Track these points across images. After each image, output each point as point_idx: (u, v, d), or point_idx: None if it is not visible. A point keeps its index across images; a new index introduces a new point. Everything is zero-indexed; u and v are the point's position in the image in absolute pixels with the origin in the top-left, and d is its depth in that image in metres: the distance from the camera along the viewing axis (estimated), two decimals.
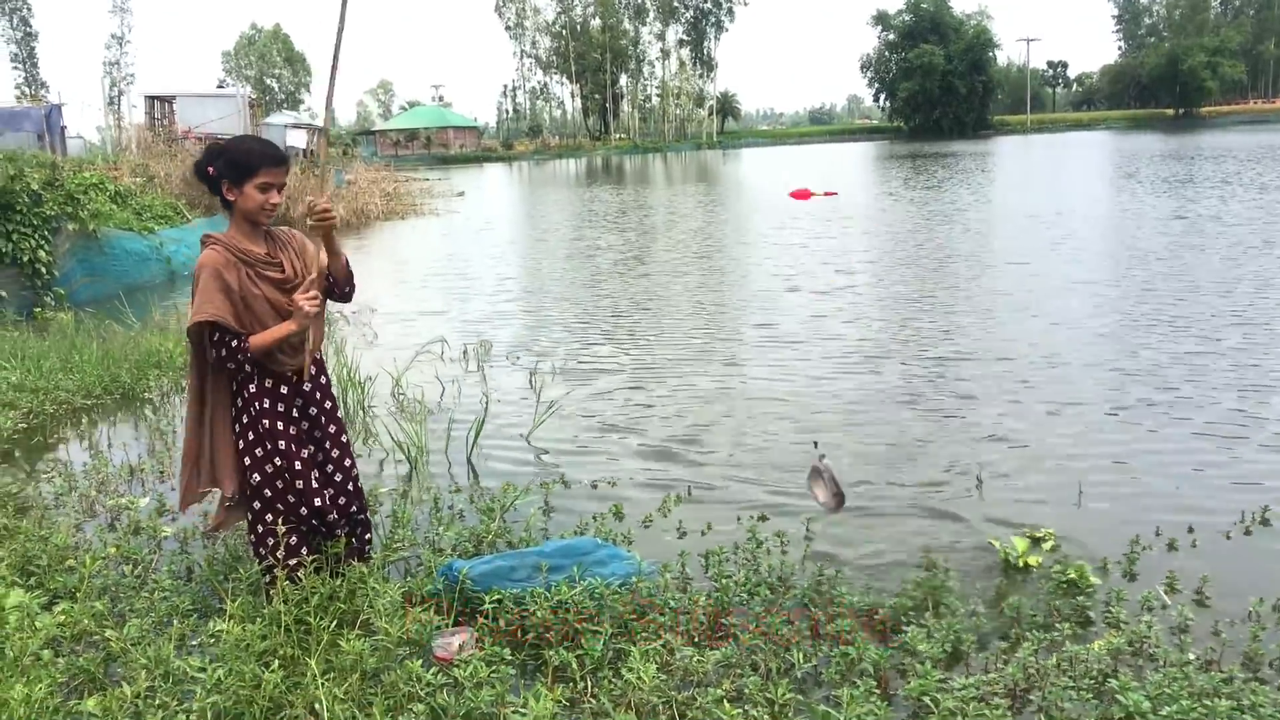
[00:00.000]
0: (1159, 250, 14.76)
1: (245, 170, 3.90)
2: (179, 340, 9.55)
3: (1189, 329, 9.51)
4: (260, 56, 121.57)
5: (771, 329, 10.53)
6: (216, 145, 4.04)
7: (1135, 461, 6.13)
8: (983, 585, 4.52)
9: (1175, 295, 11.22)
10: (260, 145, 4.01)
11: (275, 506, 4.11)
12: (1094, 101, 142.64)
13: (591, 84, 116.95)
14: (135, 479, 6.34)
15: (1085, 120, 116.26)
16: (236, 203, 3.96)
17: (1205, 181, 26.94)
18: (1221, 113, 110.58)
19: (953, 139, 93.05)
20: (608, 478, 6.13)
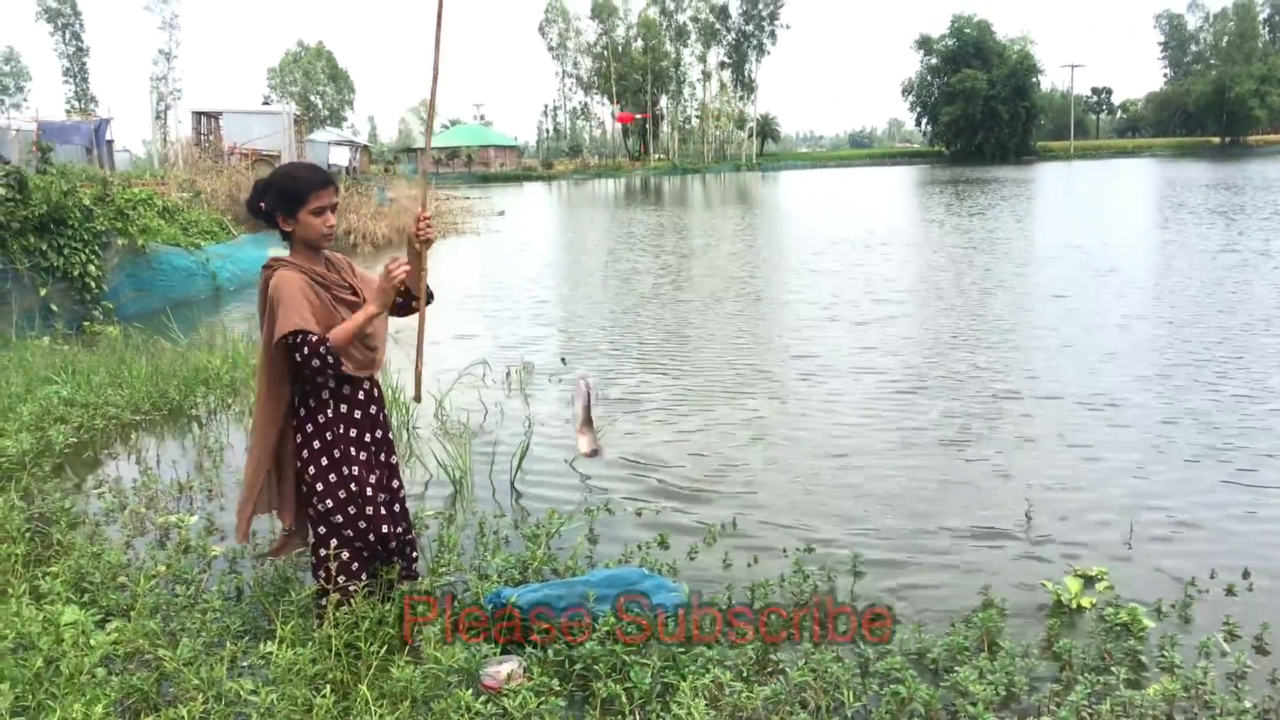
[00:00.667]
0: (1208, 285, 14.59)
1: (296, 199, 3.97)
2: (225, 357, 9.66)
3: (1240, 370, 9.38)
4: (305, 74, 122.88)
5: (812, 360, 10.49)
6: (262, 180, 4.10)
7: (1186, 504, 6.03)
8: (1035, 625, 4.47)
9: (1224, 334, 11.08)
10: (305, 170, 4.05)
11: (343, 533, 4.15)
12: (1138, 129, 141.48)
13: (632, 104, 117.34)
14: (184, 496, 6.40)
15: (1130, 147, 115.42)
16: (294, 232, 4.01)
17: (1257, 213, 26.62)
18: (1269, 141, 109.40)
19: (995, 164, 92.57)
20: (652, 506, 6.12)
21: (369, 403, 4.29)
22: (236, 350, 10.03)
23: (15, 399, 8.08)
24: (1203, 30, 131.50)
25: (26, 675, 3.60)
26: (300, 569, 4.98)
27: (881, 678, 3.81)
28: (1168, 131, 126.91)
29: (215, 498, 6.40)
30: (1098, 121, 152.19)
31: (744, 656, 3.89)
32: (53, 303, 12.67)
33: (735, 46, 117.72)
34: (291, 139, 39.59)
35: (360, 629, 3.98)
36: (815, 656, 3.86)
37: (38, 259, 12.61)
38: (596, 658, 3.84)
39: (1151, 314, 12.48)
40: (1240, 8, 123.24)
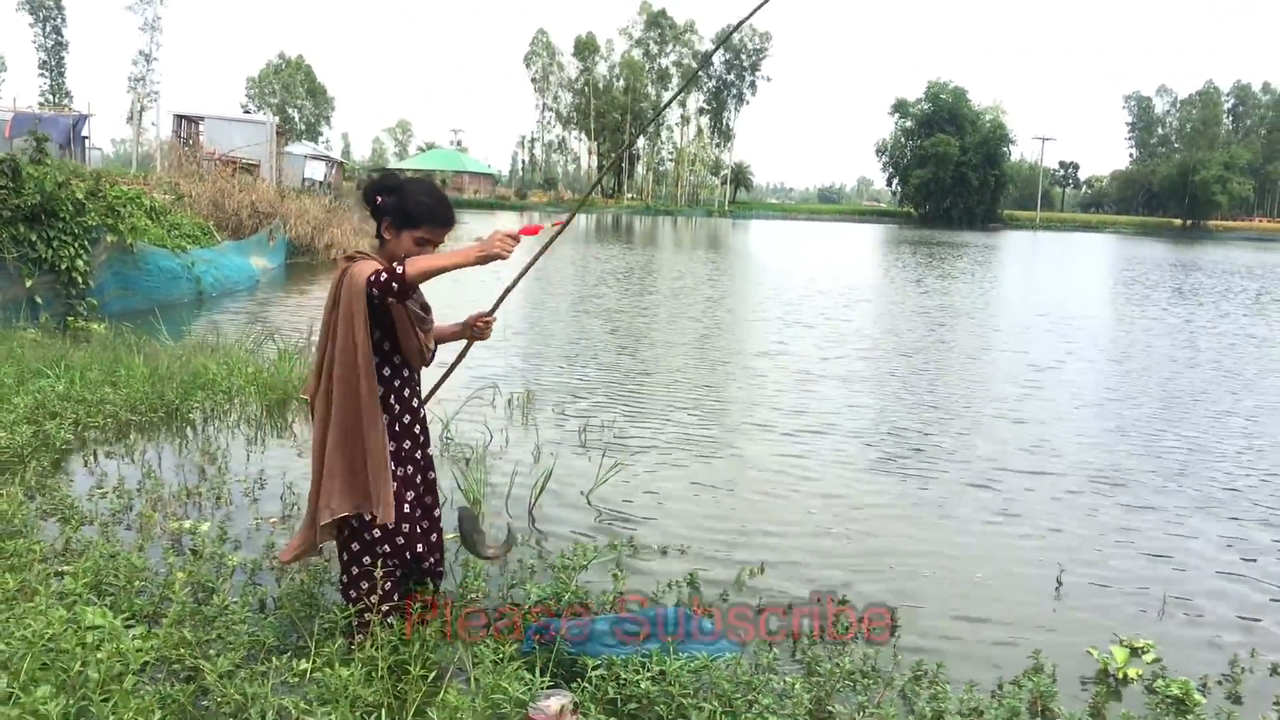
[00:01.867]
0: (1213, 361, 14.77)
1: (410, 220, 3.91)
2: (222, 363, 9.47)
3: (1267, 444, 9.47)
4: (284, 86, 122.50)
5: (815, 414, 10.47)
6: (395, 179, 4.03)
7: (1208, 575, 6.04)
8: (1079, 692, 4.42)
9: (1244, 413, 11.20)
10: (434, 201, 3.98)
11: (376, 550, 4.03)
12: (1102, 204, 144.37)
13: (609, 142, 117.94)
14: (192, 502, 6.23)
15: (1094, 222, 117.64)
16: (390, 244, 3.94)
17: (1243, 298, 27.09)
18: (1229, 227, 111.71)
19: (962, 229, 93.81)
20: (677, 543, 6.02)
21: (414, 418, 4.20)
22: (232, 357, 9.85)
23: (8, 390, 7.86)
24: (1169, 114, 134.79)
25: (63, 679, 3.44)
26: (327, 584, 4.84)
27: None
28: (1130, 209, 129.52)
29: (224, 505, 6.23)
30: (1063, 195, 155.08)
31: (800, 706, 3.80)
32: (38, 295, 12.40)
33: (715, 94, 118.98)
34: (272, 150, 39.32)
35: (405, 651, 3.86)
36: (873, 711, 3.79)
37: (26, 250, 12.35)
38: (652, 698, 3.74)
39: (1154, 390, 12.58)
40: (1205, 96, 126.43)
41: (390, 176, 4.06)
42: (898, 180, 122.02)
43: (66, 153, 29.49)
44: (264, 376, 9.20)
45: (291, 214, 25.55)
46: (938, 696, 4.04)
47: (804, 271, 30.93)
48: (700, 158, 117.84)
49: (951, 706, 3.96)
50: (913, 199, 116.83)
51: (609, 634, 4.21)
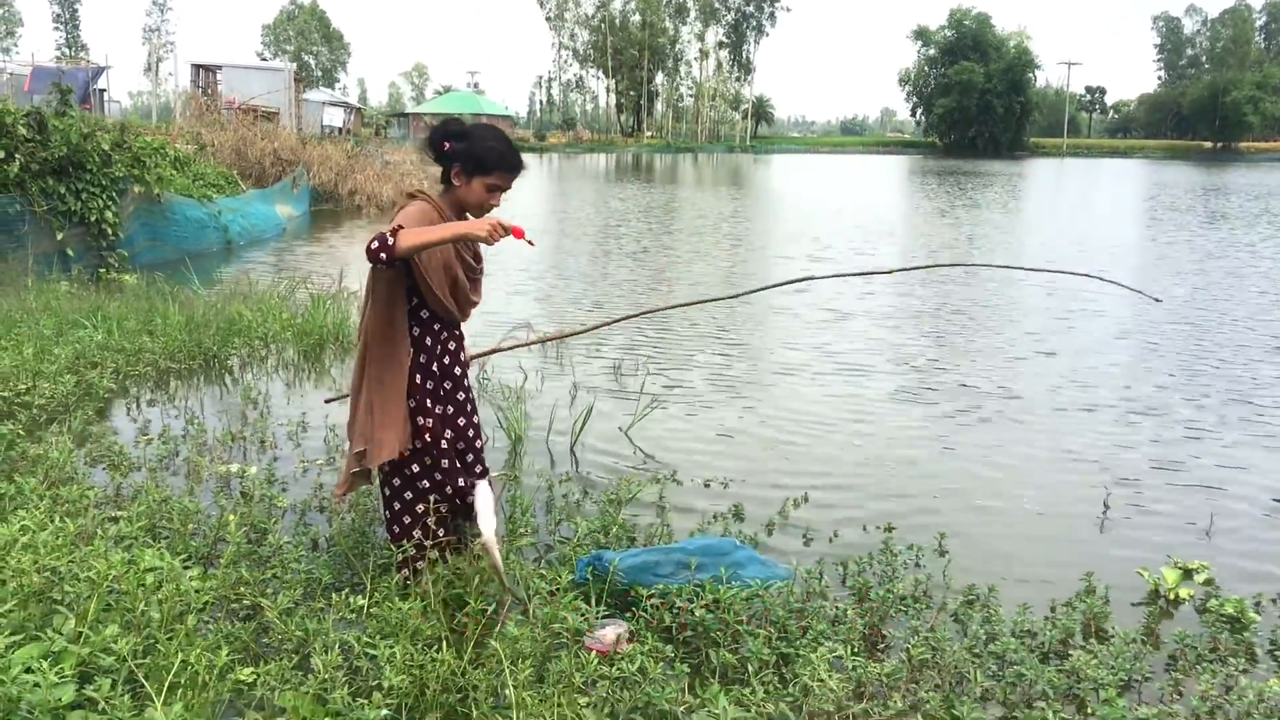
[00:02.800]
0: (1249, 277, 14.60)
1: (481, 166, 3.89)
2: (257, 309, 9.51)
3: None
4: (299, 33, 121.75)
5: (832, 354, 10.43)
6: (461, 124, 4.00)
7: (1258, 503, 6.00)
8: (1131, 613, 4.42)
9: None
10: (504, 147, 3.96)
11: (416, 485, 4.05)
12: (1130, 129, 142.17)
13: (627, 80, 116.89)
14: (237, 446, 6.28)
15: (1122, 148, 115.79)
16: (459, 190, 3.95)
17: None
18: (1261, 149, 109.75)
19: (988, 158, 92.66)
20: (719, 477, 6.03)
21: (454, 360, 4.18)
22: (267, 303, 9.88)
23: (49, 341, 7.91)
24: (1199, 34, 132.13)
25: (127, 619, 3.49)
26: (377, 523, 4.88)
27: (997, 659, 3.74)
28: (1159, 134, 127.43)
29: (268, 448, 6.28)
30: (1090, 120, 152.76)
31: (854, 631, 3.82)
32: (69, 248, 12.44)
33: (734, 26, 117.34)
34: (291, 97, 39.17)
35: (461, 585, 3.89)
36: (926, 634, 3.80)
37: (55, 202, 12.36)
38: (708, 626, 3.76)
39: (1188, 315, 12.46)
40: (1236, 14, 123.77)
41: (455, 122, 4.03)
42: (921, 110, 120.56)
43: (86, 106, 29.50)
44: (298, 322, 9.23)
45: (314, 161, 25.50)
46: (991, 620, 4.05)
47: (829, 206, 30.71)
48: (720, 92, 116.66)
49: (1005, 629, 3.97)
50: (937, 129, 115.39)
51: (661, 564, 4.23)
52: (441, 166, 3.96)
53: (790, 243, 19.72)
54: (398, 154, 35.80)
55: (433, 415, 4.07)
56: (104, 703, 2.92)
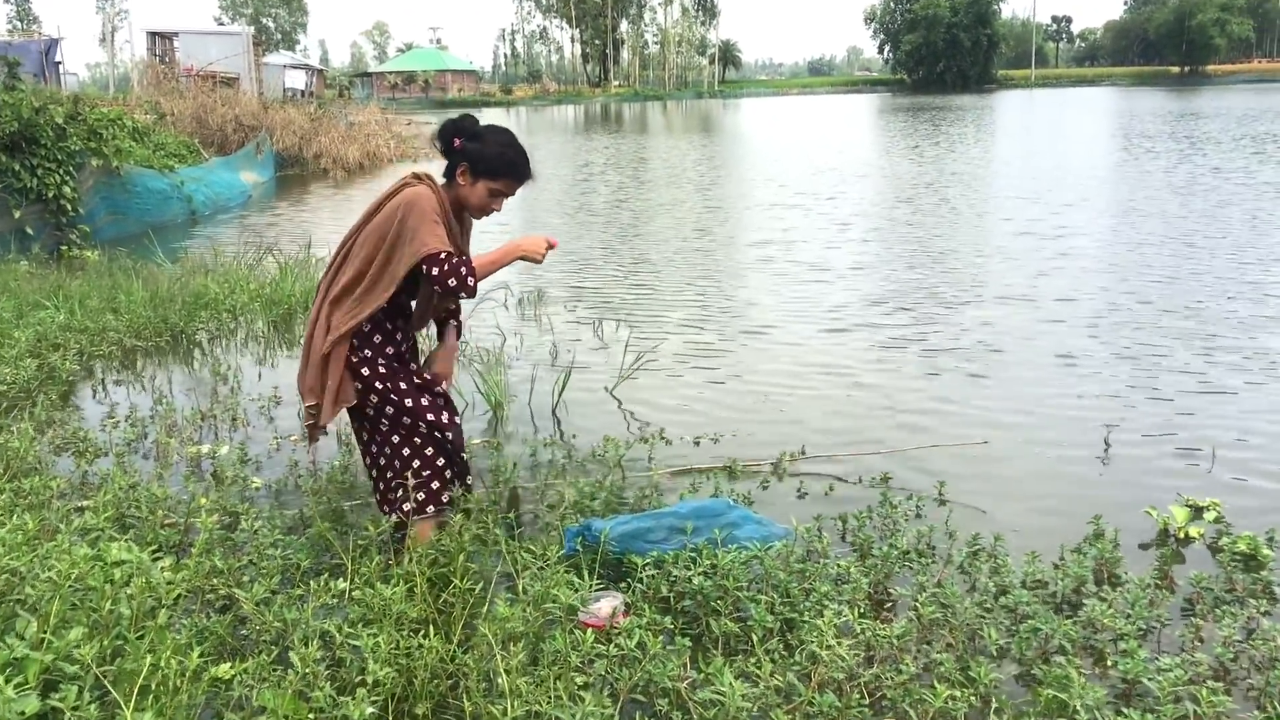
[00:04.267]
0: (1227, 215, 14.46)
1: (491, 171, 3.79)
2: (223, 282, 9.23)
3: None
4: None
5: (816, 303, 10.25)
6: (475, 122, 3.87)
7: (1260, 422, 5.87)
8: (1141, 555, 4.28)
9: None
10: (517, 155, 3.84)
11: (411, 464, 3.91)
12: (1097, 57, 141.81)
13: (591, 29, 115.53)
14: (207, 425, 6.06)
15: (1090, 76, 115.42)
16: (461, 188, 3.83)
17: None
18: (1228, 71, 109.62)
19: (956, 92, 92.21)
20: (709, 433, 5.85)
21: (411, 352, 4.15)
22: (232, 275, 9.61)
23: (8, 324, 7.65)
24: None
25: (94, 619, 3.29)
26: (356, 500, 4.69)
27: (1009, 613, 3.59)
28: (1126, 61, 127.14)
29: (240, 427, 6.06)
30: (1057, 50, 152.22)
31: (859, 591, 3.65)
32: (28, 226, 12.09)
33: None
34: (250, 61, 38.38)
35: (446, 563, 3.71)
36: (934, 590, 3.64)
37: (10, 180, 12.01)
38: (707, 594, 3.59)
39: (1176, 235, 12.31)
40: None
41: (470, 119, 3.89)
42: (889, 47, 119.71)
43: (41, 79, 28.77)
44: (266, 292, 8.98)
45: (277, 125, 25.03)
46: (999, 570, 3.90)
47: (801, 150, 30.40)
48: (686, 38, 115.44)
49: (1015, 580, 3.82)
50: (905, 65, 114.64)
51: (654, 529, 4.06)
52: (448, 161, 3.85)
53: (764, 189, 19.43)
54: (362, 114, 35.19)
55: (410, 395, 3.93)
56: (70, 713, 2.73)
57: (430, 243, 3.64)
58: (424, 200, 3.69)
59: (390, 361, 3.94)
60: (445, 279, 3.65)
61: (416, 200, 3.68)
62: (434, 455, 3.94)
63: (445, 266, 3.64)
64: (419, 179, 3.81)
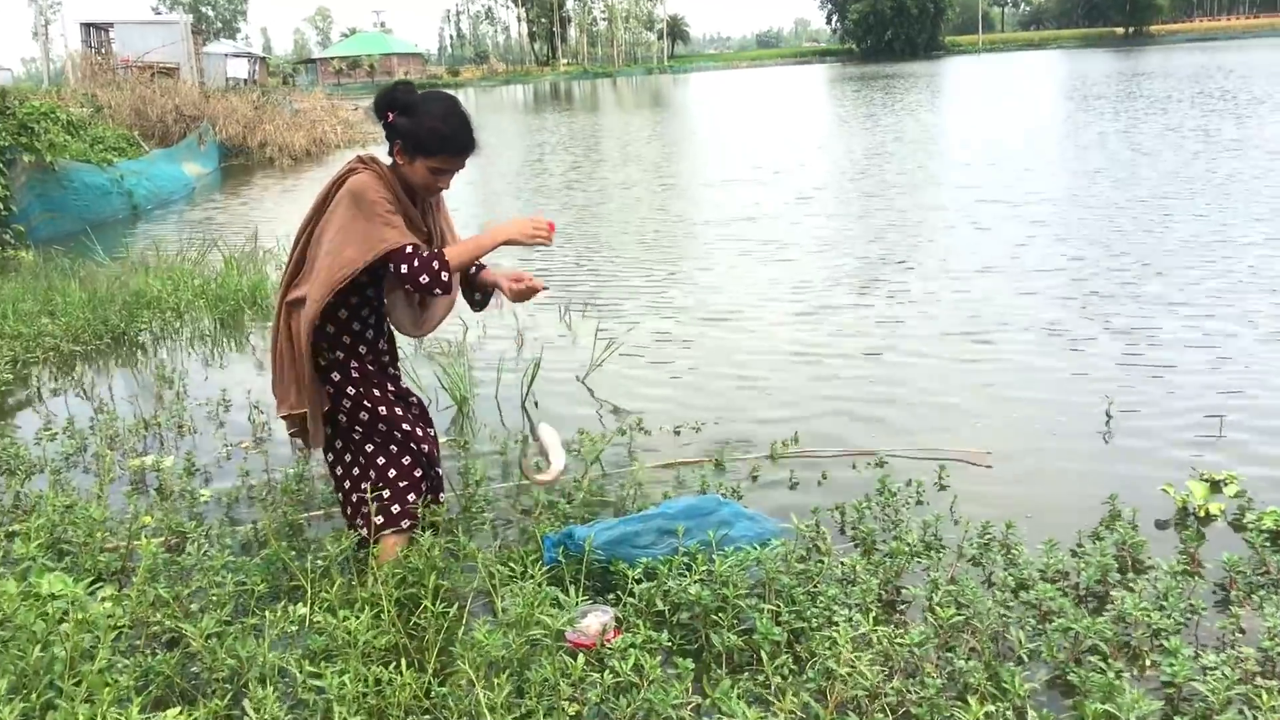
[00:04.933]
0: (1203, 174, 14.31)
1: (421, 147, 3.37)
2: (166, 278, 8.77)
3: None
4: None
5: (787, 284, 9.94)
6: (410, 93, 3.45)
7: (1269, 390, 5.63)
8: (1160, 536, 4.01)
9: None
10: (451, 127, 3.41)
11: (387, 475, 3.57)
12: (1042, 21, 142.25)
13: (538, 7, 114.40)
14: (151, 434, 5.65)
15: (1037, 40, 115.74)
16: (401, 167, 3.44)
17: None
18: (1171, 30, 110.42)
19: (905, 60, 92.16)
20: (689, 421, 5.52)
21: (390, 357, 3.82)
22: (176, 271, 9.15)
23: None
24: None
25: (23, 666, 2.93)
26: (316, 513, 4.33)
27: (1033, 609, 3.30)
28: (1071, 23, 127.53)
29: (188, 434, 5.66)
30: (1002, 15, 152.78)
31: (869, 593, 3.35)
32: None
33: None
34: (190, 50, 37.51)
35: (415, 582, 3.38)
36: (948, 588, 3.35)
37: None
38: (705, 604, 3.27)
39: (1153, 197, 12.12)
40: None
41: (404, 90, 3.47)
42: (836, 17, 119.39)
43: None
44: (212, 288, 8.54)
45: (220, 114, 24.38)
46: (1015, 562, 3.61)
47: (755, 123, 30.05)
48: (633, 14, 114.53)
49: (1033, 572, 3.53)
50: (853, 35, 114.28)
51: (641, 533, 3.74)
52: (386, 138, 3.46)
53: (720, 165, 19.01)
54: (307, 101, 34.47)
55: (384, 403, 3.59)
56: None
57: (389, 236, 3.29)
58: (369, 190, 3.32)
59: (364, 364, 3.59)
60: (416, 276, 3.31)
61: (363, 191, 3.32)
62: (410, 465, 3.59)
63: (414, 262, 3.29)
64: (364, 163, 3.44)
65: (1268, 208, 10.81)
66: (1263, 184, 12.36)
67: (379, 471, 3.55)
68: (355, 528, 3.62)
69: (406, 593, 3.40)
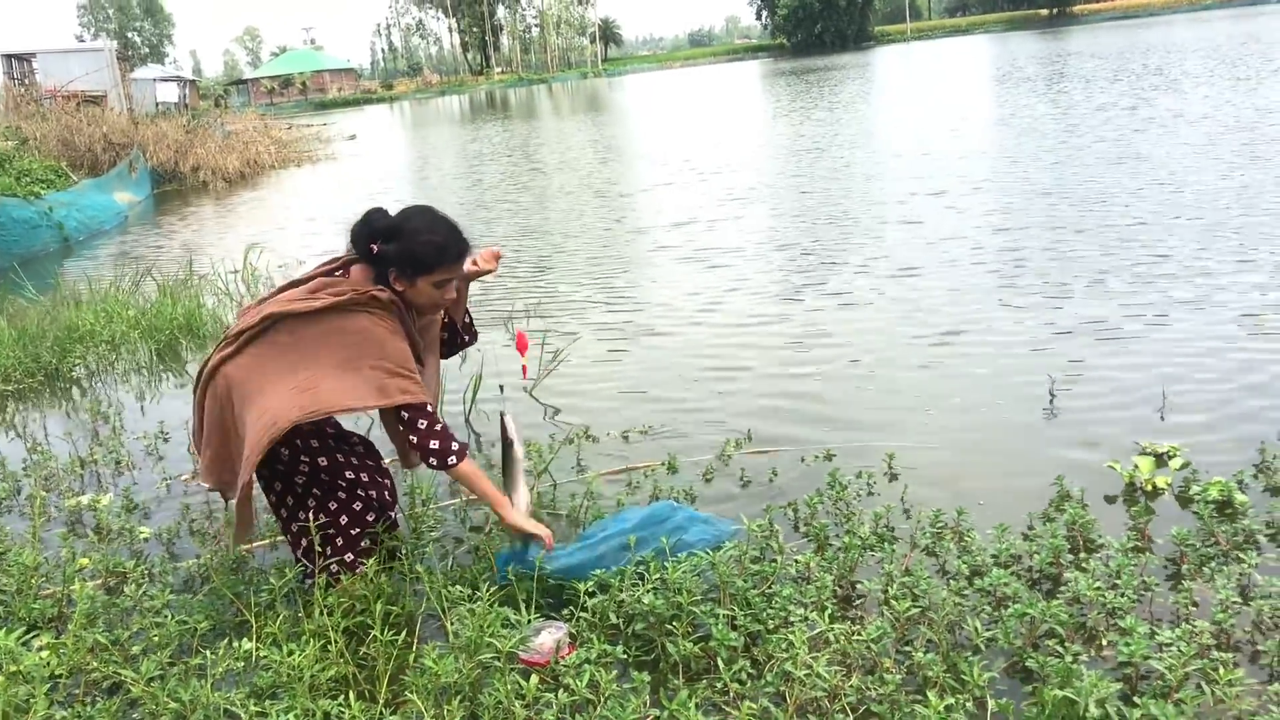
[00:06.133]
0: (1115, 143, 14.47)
1: (423, 267, 3.32)
2: (99, 311, 8.57)
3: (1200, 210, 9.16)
4: (119, 8, 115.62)
5: (728, 284, 9.92)
6: (386, 218, 3.36)
7: (1205, 361, 5.68)
8: (1110, 512, 4.02)
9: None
10: (443, 236, 3.36)
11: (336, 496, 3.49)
12: (968, 7, 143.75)
13: (469, 17, 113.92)
14: (88, 472, 5.50)
15: (964, 26, 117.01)
16: (404, 293, 3.39)
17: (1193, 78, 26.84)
18: (1093, 10, 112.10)
19: (836, 52, 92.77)
20: (637, 426, 5.47)
21: None
22: (109, 303, 8.94)
23: None
24: None
25: None
26: (255, 540, 4.23)
27: (989, 595, 3.28)
28: (995, 7, 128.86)
29: (124, 471, 5.51)
30: (929, 2, 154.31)
31: (824, 589, 3.31)
32: None
33: None
34: (116, 77, 36.86)
35: (367, 611, 3.29)
36: (903, 580, 3.33)
37: None
38: (659, 613, 3.22)
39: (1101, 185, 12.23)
40: None
41: (380, 216, 3.38)
42: (766, 13, 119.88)
43: None
44: (147, 319, 8.35)
45: (150, 140, 23.99)
46: (969, 550, 3.60)
47: (691, 123, 30.06)
48: (565, 19, 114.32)
49: (987, 558, 3.52)
50: (783, 29, 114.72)
51: (605, 556, 3.64)
52: (372, 267, 3.36)
53: (659, 168, 18.86)
54: (239, 122, 34.07)
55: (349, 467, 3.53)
56: None
57: (412, 391, 3.31)
58: (389, 341, 3.33)
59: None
60: (425, 443, 3.33)
61: (387, 339, 3.32)
62: (362, 510, 3.51)
63: (436, 440, 3.38)
64: (379, 302, 3.31)
65: (1202, 187, 10.95)
66: (1189, 158, 12.53)
67: (330, 516, 3.48)
68: (303, 562, 3.54)
69: (355, 621, 3.33)
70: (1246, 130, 14.20)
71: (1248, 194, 9.92)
